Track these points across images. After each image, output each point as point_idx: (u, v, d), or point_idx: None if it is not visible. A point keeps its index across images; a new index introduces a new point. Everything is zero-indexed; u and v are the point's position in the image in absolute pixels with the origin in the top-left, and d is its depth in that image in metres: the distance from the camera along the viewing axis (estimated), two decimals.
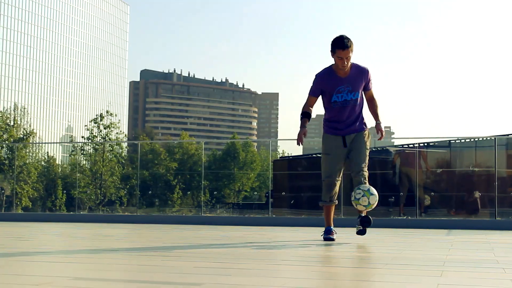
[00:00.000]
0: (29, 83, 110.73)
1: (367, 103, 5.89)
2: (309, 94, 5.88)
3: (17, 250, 4.95)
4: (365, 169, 5.73)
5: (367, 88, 5.80)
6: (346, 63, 5.57)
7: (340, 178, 5.89)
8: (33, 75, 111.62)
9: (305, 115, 5.88)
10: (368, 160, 5.80)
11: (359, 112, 5.82)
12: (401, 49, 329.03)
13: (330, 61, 5.81)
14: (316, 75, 5.80)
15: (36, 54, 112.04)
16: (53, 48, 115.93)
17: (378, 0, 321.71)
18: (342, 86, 5.68)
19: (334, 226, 6.11)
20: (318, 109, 5.98)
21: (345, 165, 5.91)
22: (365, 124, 5.92)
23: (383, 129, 5.74)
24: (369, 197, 5.57)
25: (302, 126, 5.85)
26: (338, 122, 5.81)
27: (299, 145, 5.93)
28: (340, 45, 5.55)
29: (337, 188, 5.88)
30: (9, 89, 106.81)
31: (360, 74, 5.71)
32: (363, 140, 5.81)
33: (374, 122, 5.89)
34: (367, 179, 5.71)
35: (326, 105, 5.87)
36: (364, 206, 5.60)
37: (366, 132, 5.88)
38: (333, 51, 5.64)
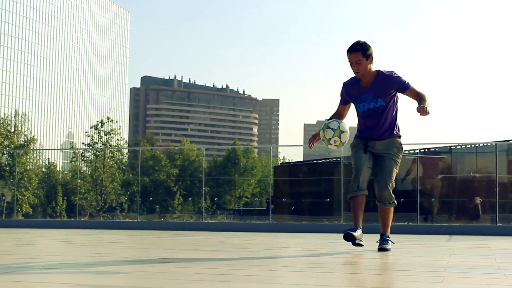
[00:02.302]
0: (30, 89, 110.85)
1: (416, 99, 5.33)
2: (339, 103, 5.64)
3: (18, 257, 4.94)
4: (390, 179, 5.32)
5: (404, 89, 5.32)
6: (358, 69, 5.25)
7: (370, 168, 5.36)
8: (34, 82, 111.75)
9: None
10: (391, 173, 5.34)
11: (389, 122, 5.40)
12: (401, 54, 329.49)
13: (329, 67, 5.69)
14: (343, 83, 5.54)
15: (37, 60, 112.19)
16: (54, 55, 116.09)
17: (377, 7, 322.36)
18: (363, 95, 5.37)
19: (334, 232, 6.03)
20: (320, 115, 5.88)
21: (372, 168, 5.44)
22: (397, 132, 5.46)
23: (424, 107, 5.07)
24: (339, 136, 5.27)
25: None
26: (364, 129, 5.48)
27: (310, 147, 5.68)
28: (349, 48, 5.30)
29: (366, 177, 5.35)
30: (10, 96, 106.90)
31: (384, 79, 5.32)
32: (393, 152, 5.40)
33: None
34: (389, 189, 5.32)
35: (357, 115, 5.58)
36: (336, 146, 5.32)
37: (397, 140, 5.44)
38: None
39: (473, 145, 14.14)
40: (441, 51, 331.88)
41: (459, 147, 14.26)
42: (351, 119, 5.73)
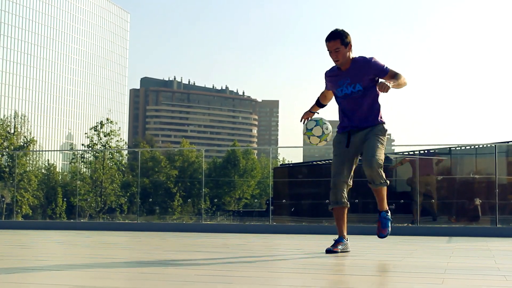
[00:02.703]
0: (29, 91, 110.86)
1: None
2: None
3: (17, 259, 4.94)
4: (376, 158, 5.18)
5: (383, 73, 5.24)
6: (337, 57, 5.23)
7: (348, 179, 5.40)
8: (34, 83, 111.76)
9: (316, 101, 5.73)
10: (383, 159, 5.25)
11: (369, 107, 5.31)
12: (401, 56, 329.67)
13: (328, 68, 5.66)
14: (325, 72, 5.57)
15: (36, 62, 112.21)
16: (53, 56, 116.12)
17: (377, 8, 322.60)
18: (341, 80, 5.34)
19: (334, 234, 5.99)
20: (318, 116, 5.79)
21: (355, 163, 5.45)
22: (380, 119, 5.37)
23: (385, 83, 5.03)
24: (322, 126, 5.36)
25: (311, 108, 5.74)
26: (344, 117, 5.42)
27: (301, 121, 5.69)
28: (327, 36, 5.28)
29: (344, 189, 5.39)
30: (9, 97, 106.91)
31: (362, 65, 5.27)
32: (375, 133, 5.29)
33: None
34: (377, 168, 5.18)
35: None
36: (318, 137, 5.40)
37: (381, 126, 5.34)
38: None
39: (472, 147, 14.14)
40: (441, 52, 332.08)
41: (459, 148, 14.26)
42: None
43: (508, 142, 15.68)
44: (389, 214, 5.50)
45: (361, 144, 5.33)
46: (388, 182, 5.36)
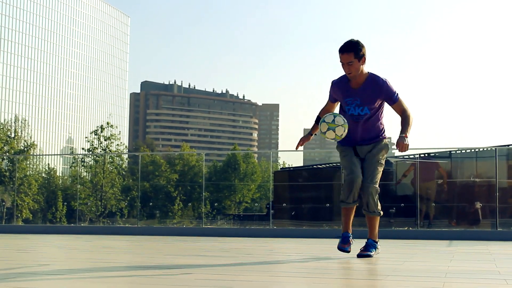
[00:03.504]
0: (30, 95, 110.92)
1: (400, 116, 5.29)
2: (328, 100, 5.53)
3: (17, 263, 4.94)
4: (374, 185, 5.23)
5: (391, 102, 5.21)
6: (350, 70, 5.09)
7: (361, 176, 5.26)
8: (34, 87, 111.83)
9: (316, 120, 5.51)
10: (379, 174, 5.28)
11: (373, 129, 5.30)
12: (401, 58, 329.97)
13: (329, 72, 5.61)
14: (332, 82, 5.41)
15: (36, 66, 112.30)
16: (53, 60, 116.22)
17: (377, 11, 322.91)
18: (350, 98, 5.23)
19: (335, 238, 6.00)
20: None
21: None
22: (382, 134, 5.36)
23: (404, 143, 5.05)
24: (335, 117, 5.12)
25: (309, 132, 5.57)
26: (350, 136, 5.33)
27: (296, 149, 5.59)
28: (340, 47, 5.11)
29: (359, 188, 5.25)
30: (10, 101, 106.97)
31: (374, 87, 5.17)
32: (376, 151, 5.30)
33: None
34: (374, 196, 5.24)
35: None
36: (327, 123, 5.13)
37: (383, 143, 5.34)
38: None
39: (473, 150, 14.14)
40: (441, 55, 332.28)
41: (459, 152, 14.26)
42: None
43: (508, 145, 15.67)
44: (378, 244, 5.48)
45: (361, 159, 5.35)
46: (382, 213, 5.37)
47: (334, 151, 5.50)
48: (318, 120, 5.48)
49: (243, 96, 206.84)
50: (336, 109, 5.58)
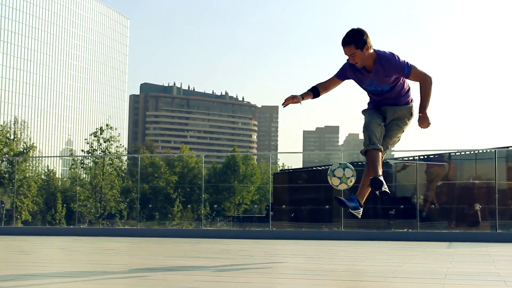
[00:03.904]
0: (29, 97, 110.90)
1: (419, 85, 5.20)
2: (334, 74, 5.40)
3: (17, 265, 4.93)
4: (389, 145, 5.30)
5: (405, 75, 5.14)
6: (355, 60, 5.06)
7: (380, 124, 5.24)
8: (33, 89, 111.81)
9: (313, 89, 5.45)
10: (393, 138, 5.32)
11: (400, 94, 5.30)
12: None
13: (329, 73, 5.57)
14: (347, 61, 5.25)
15: (36, 68, 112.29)
16: (53, 62, 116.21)
17: (377, 12, 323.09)
18: (368, 80, 5.22)
19: (334, 239, 5.99)
20: (319, 122, 5.78)
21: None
22: (409, 98, 5.36)
23: (426, 122, 5.12)
24: (344, 170, 5.25)
25: (301, 94, 5.45)
26: (373, 100, 5.39)
27: (283, 106, 5.50)
28: (341, 41, 5.09)
29: (376, 131, 5.20)
30: (9, 103, 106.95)
31: (385, 67, 5.10)
32: (400, 113, 5.31)
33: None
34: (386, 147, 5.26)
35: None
36: (338, 178, 5.28)
37: (407, 107, 5.34)
38: None
39: (472, 152, 14.15)
40: (440, 56, 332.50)
41: (459, 154, 14.27)
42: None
43: (507, 147, 15.68)
44: (361, 208, 5.36)
45: (386, 118, 5.35)
46: (378, 146, 5.19)
47: (333, 153, 5.50)
48: (314, 90, 5.45)
49: (243, 98, 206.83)
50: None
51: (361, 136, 5.40)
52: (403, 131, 5.40)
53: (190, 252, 6.60)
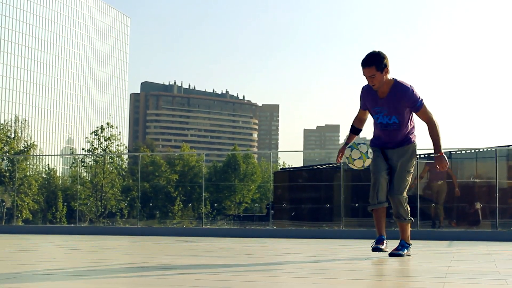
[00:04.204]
0: (29, 95, 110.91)
1: (427, 126, 5.34)
2: (360, 108, 5.55)
3: (18, 264, 4.94)
4: (401, 195, 5.33)
5: (415, 109, 5.23)
6: (373, 82, 5.13)
7: (387, 177, 5.34)
8: (34, 88, 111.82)
9: (352, 130, 5.60)
10: (408, 183, 5.36)
11: (404, 135, 5.35)
12: (401, 59, 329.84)
13: (329, 72, 5.59)
14: (362, 88, 5.42)
15: (36, 66, 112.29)
16: (53, 61, 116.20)
17: (377, 12, 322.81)
18: (377, 107, 5.27)
19: (335, 238, 6.00)
20: (319, 121, 5.80)
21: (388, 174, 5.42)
22: (411, 139, 5.41)
23: (443, 164, 5.20)
24: (358, 148, 5.28)
25: (345, 143, 5.54)
26: (378, 137, 5.45)
27: (337, 163, 5.68)
28: (362, 61, 5.17)
29: (384, 187, 5.33)
30: (10, 102, 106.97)
31: (399, 95, 5.18)
32: (404, 160, 5.36)
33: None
34: (403, 204, 5.34)
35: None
36: (359, 158, 5.28)
37: (411, 149, 5.40)
38: None
39: (473, 151, 14.14)
40: (441, 55, 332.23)
41: (459, 152, 14.26)
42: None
43: (508, 146, 15.67)
44: (410, 246, 5.52)
45: (390, 166, 5.39)
46: (413, 220, 5.46)
47: (334, 152, 5.49)
48: (353, 130, 5.60)
49: (243, 97, 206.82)
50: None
51: (362, 136, 5.45)
52: (411, 173, 5.42)
53: (191, 250, 6.60)
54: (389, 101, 5.20)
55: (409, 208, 5.40)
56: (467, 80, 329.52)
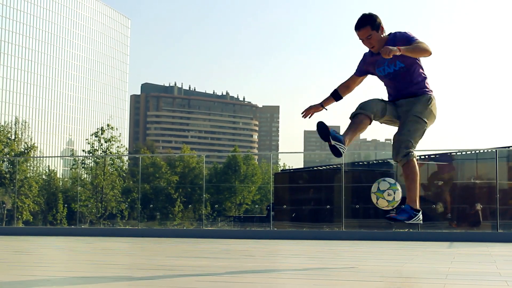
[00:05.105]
0: (30, 97, 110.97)
1: None
2: (353, 73, 5.16)
3: (18, 265, 4.94)
4: (412, 138, 4.77)
5: (407, 44, 4.77)
6: (371, 44, 4.86)
7: (386, 105, 4.86)
8: (34, 89, 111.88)
9: (333, 93, 5.14)
10: (418, 133, 4.80)
11: (415, 80, 4.89)
12: None
13: (330, 74, 5.51)
14: (364, 53, 5.09)
15: (37, 68, 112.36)
16: (54, 62, 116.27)
17: (377, 13, 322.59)
18: (380, 64, 4.94)
19: (335, 239, 5.97)
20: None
21: (392, 115, 4.91)
22: (426, 88, 4.92)
23: (389, 48, 4.54)
24: (394, 191, 4.73)
25: (320, 102, 5.13)
26: (389, 93, 5.02)
27: (303, 116, 5.11)
28: (355, 25, 4.89)
29: (372, 104, 4.81)
30: (10, 103, 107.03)
31: (396, 39, 4.85)
32: (418, 104, 4.85)
33: None
34: (403, 150, 4.76)
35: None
36: (387, 201, 4.75)
37: (426, 96, 4.88)
38: None
39: (473, 152, 14.14)
40: (441, 56, 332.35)
41: (460, 153, 14.26)
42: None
43: (508, 147, 15.68)
44: (417, 213, 4.84)
45: (402, 113, 4.91)
46: (413, 152, 4.79)
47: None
48: (334, 93, 5.15)
49: (244, 98, 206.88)
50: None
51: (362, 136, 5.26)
52: (423, 126, 4.85)
53: (191, 252, 6.60)
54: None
55: (411, 149, 4.77)
56: (468, 81, 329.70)
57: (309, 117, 5.16)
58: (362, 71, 5.10)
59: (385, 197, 4.74)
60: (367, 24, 4.87)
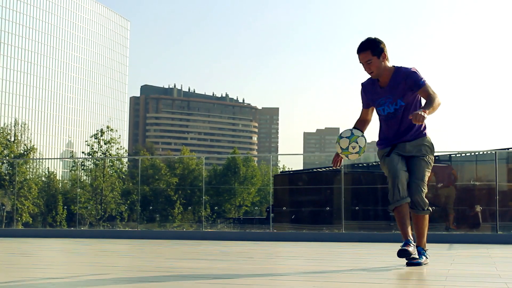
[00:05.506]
0: (29, 99, 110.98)
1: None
2: (362, 107, 5.12)
3: (17, 267, 4.93)
4: (422, 182, 4.82)
5: (417, 87, 4.75)
6: (370, 69, 4.80)
7: (406, 170, 4.82)
8: (34, 91, 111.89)
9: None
10: (424, 176, 4.84)
11: (411, 121, 4.82)
12: (401, 62, 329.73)
13: (329, 75, 5.46)
14: (361, 84, 5.05)
15: (36, 70, 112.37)
16: (53, 64, 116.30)
17: (377, 13, 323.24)
18: (382, 98, 4.88)
19: (335, 241, 5.97)
20: (319, 124, 5.62)
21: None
22: (424, 131, 4.92)
23: (420, 114, 4.44)
24: (356, 141, 4.83)
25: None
26: (386, 132, 4.97)
27: (334, 166, 5.11)
28: (357, 48, 4.84)
29: (405, 182, 4.79)
30: (9, 105, 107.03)
31: (401, 77, 4.80)
32: (422, 148, 4.88)
33: None
34: (422, 193, 4.81)
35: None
36: (356, 152, 4.82)
37: (425, 139, 4.90)
38: None
39: (473, 153, 14.14)
40: (441, 58, 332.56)
41: (459, 155, 14.27)
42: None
43: (508, 149, 15.68)
44: (427, 252, 5.05)
45: (407, 158, 4.92)
46: (431, 210, 4.95)
47: (334, 155, 5.08)
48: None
49: (243, 100, 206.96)
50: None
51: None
52: (430, 167, 4.92)
53: (191, 254, 6.60)
54: (392, 87, 4.84)
55: (427, 202, 4.87)
56: (467, 83, 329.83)
57: (339, 166, 5.17)
58: (367, 103, 5.08)
59: (352, 151, 4.84)
60: (368, 49, 4.81)
